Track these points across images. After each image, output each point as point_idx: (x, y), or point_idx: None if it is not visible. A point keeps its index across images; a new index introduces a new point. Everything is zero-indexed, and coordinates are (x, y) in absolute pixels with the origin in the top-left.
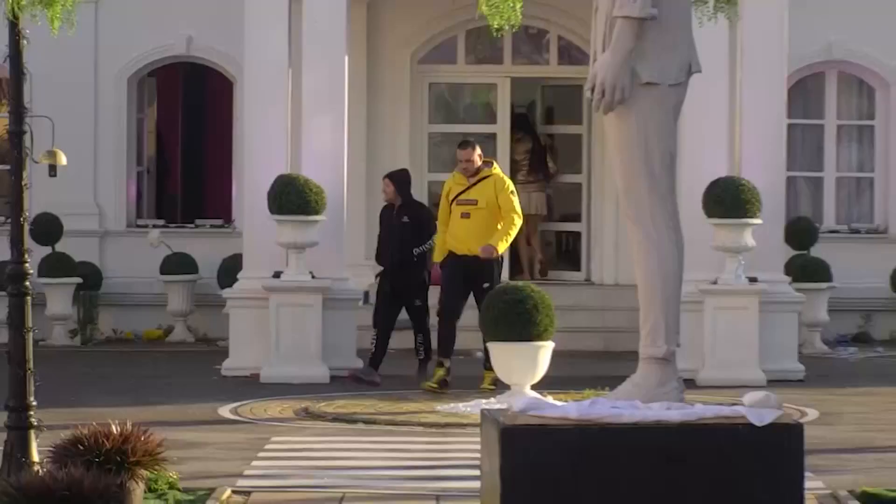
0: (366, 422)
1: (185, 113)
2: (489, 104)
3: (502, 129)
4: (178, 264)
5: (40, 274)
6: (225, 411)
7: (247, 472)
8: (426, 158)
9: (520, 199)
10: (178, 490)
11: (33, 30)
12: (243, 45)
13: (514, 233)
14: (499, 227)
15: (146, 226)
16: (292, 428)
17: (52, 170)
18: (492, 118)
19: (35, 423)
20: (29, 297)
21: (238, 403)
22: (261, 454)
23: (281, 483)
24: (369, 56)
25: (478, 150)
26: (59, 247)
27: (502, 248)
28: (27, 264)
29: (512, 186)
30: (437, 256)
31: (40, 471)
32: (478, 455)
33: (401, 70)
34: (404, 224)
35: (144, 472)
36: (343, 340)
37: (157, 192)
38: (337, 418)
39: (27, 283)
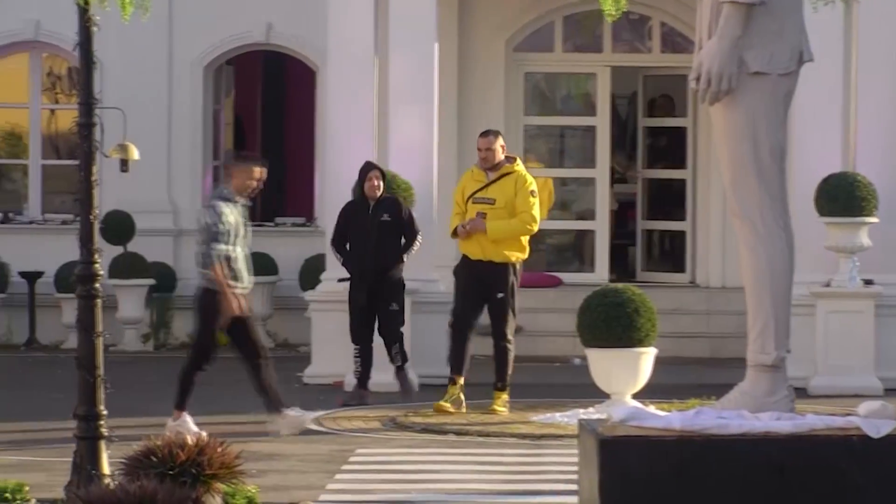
0: (456, 433)
1: (265, 104)
2: (588, 94)
3: (602, 120)
4: (257, 265)
5: (111, 275)
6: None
7: (329, 486)
8: (521, 152)
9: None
10: None
11: (104, 16)
12: (326, 32)
13: (521, 234)
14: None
15: None
16: (378, 439)
17: (124, 165)
18: (591, 109)
19: (105, 434)
20: (99, 300)
21: (321, 413)
22: (344, 467)
23: (365, 498)
24: (461, 43)
25: (500, 141)
26: (131, 246)
27: (514, 254)
28: (97, 265)
29: (534, 186)
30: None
31: (111, 484)
32: (575, 468)
33: (494, 58)
34: (384, 223)
35: (221, 486)
36: (433, 345)
37: None
38: (426, 429)
39: (97, 285)
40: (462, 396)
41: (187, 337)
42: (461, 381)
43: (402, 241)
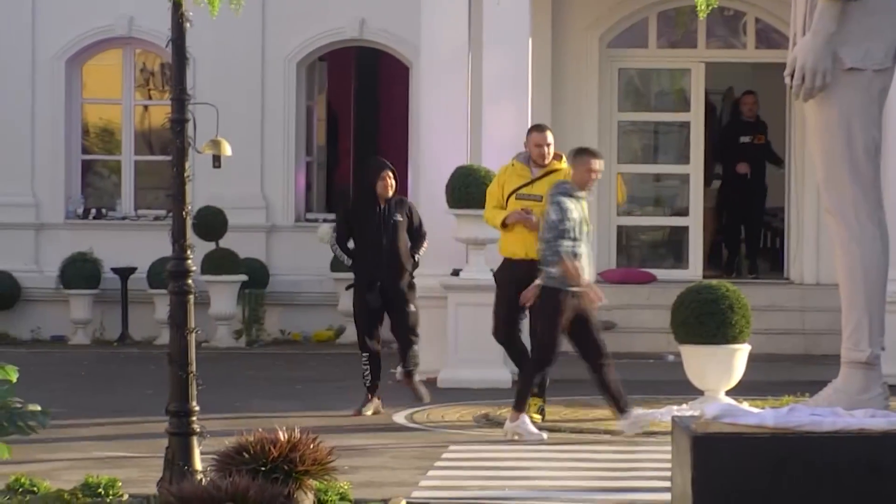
0: (550, 430)
1: (358, 99)
2: (682, 90)
3: (696, 117)
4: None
5: (203, 271)
6: (400, 417)
7: (422, 483)
8: (615, 148)
9: None
10: (350, 501)
11: (197, 12)
12: (420, 28)
13: None
14: None
15: (316, 220)
16: (471, 436)
17: (216, 160)
18: (685, 105)
19: (198, 430)
20: (191, 296)
21: (414, 409)
22: (437, 463)
23: (458, 494)
24: (554, 39)
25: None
26: (224, 242)
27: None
28: (189, 261)
29: None
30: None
31: (203, 480)
32: (668, 466)
33: (588, 54)
34: (398, 224)
35: (313, 482)
36: (527, 341)
37: (327, 184)
38: None
39: (189, 281)
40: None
41: (280, 332)
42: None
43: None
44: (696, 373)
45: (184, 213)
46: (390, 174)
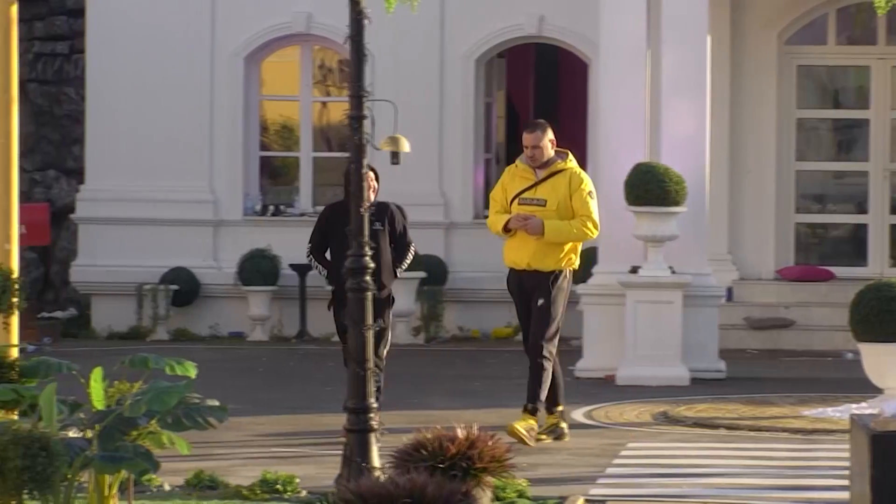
0: (728, 427)
1: (537, 96)
2: (862, 87)
3: (876, 113)
4: None
5: None
6: (578, 415)
7: (600, 480)
8: (793, 146)
9: None
10: (528, 498)
11: (375, 9)
12: (599, 25)
13: (579, 239)
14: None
15: None
16: (649, 433)
17: (395, 157)
18: (864, 102)
19: (375, 426)
20: (369, 293)
21: (592, 406)
22: (615, 461)
23: (636, 492)
24: (732, 36)
25: (549, 135)
26: None
27: (562, 263)
28: (368, 258)
29: (591, 186)
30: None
31: (381, 476)
32: (847, 464)
33: (766, 51)
34: (376, 232)
35: (491, 479)
36: (704, 340)
37: None
38: (697, 423)
39: (368, 278)
40: (564, 426)
41: (458, 329)
42: (560, 408)
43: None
44: (875, 371)
45: (362, 209)
46: (372, 176)
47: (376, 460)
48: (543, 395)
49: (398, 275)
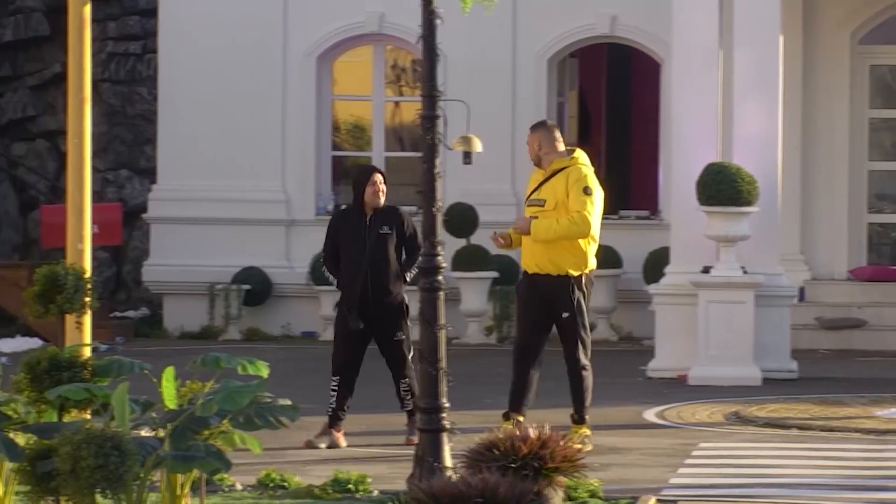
0: (799, 428)
1: (609, 96)
2: None
3: None
4: (601, 258)
5: (454, 267)
6: (650, 415)
7: (672, 481)
8: (866, 146)
9: None
10: (600, 498)
11: (448, 8)
12: (671, 25)
13: (570, 236)
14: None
15: None
16: (721, 433)
17: (467, 157)
18: None
19: (448, 426)
20: (442, 292)
21: (664, 406)
22: (687, 461)
23: (708, 493)
24: (805, 36)
25: (551, 134)
26: (475, 239)
27: (572, 266)
28: (440, 257)
29: (589, 182)
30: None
31: (453, 476)
32: None
33: (839, 51)
34: (383, 237)
35: (563, 479)
36: (777, 340)
37: None
38: (769, 423)
39: (440, 278)
40: None
41: None
42: (520, 417)
43: (404, 257)
44: None
45: (434, 209)
46: (381, 179)
47: (448, 460)
48: (588, 401)
49: (408, 280)
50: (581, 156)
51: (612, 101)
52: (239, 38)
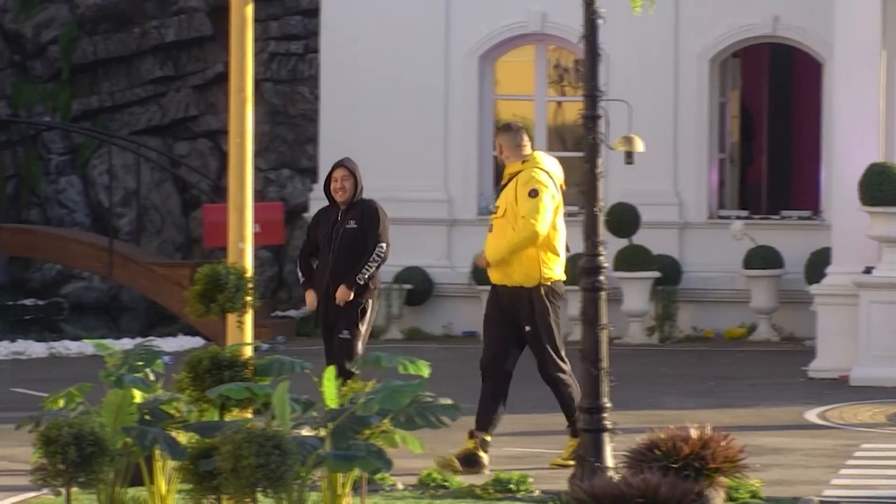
0: None
1: (771, 96)
2: None
3: None
4: (763, 258)
5: (616, 267)
6: (811, 415)
7: (833, 482)
8: None
9: None
10: (761, 499)
11: (610, 8)
12: (832, 25)
13: (524, 245)
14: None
15: (728, 217)
16: (884, 434)
17: (629, 157)
18: None
19: (609, 426)
20: (604, 293)
21: (826, 407)
22: (849, 462)
23: (870, 494)
24: None
25: (514, 137)
26: (636, 239)
27: (533, 276)
28: (602, 257)
29: (537, 184)
30: None
31: (614, 476)
32: None
33: None
34: (349, 231)
35: (724, 480)
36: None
37: (740, 180)
38: None
39: (602, 278)
40: (482, 456)
41: (692, 329)
42: (486, 437)
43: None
44: None
45: (596, 209)
46: (343, 174)
47: (610, 460)
48: (576, 412)
49: (359, 281)
50: (538, 157)
51: (773, 101)
52: (400, 38)
